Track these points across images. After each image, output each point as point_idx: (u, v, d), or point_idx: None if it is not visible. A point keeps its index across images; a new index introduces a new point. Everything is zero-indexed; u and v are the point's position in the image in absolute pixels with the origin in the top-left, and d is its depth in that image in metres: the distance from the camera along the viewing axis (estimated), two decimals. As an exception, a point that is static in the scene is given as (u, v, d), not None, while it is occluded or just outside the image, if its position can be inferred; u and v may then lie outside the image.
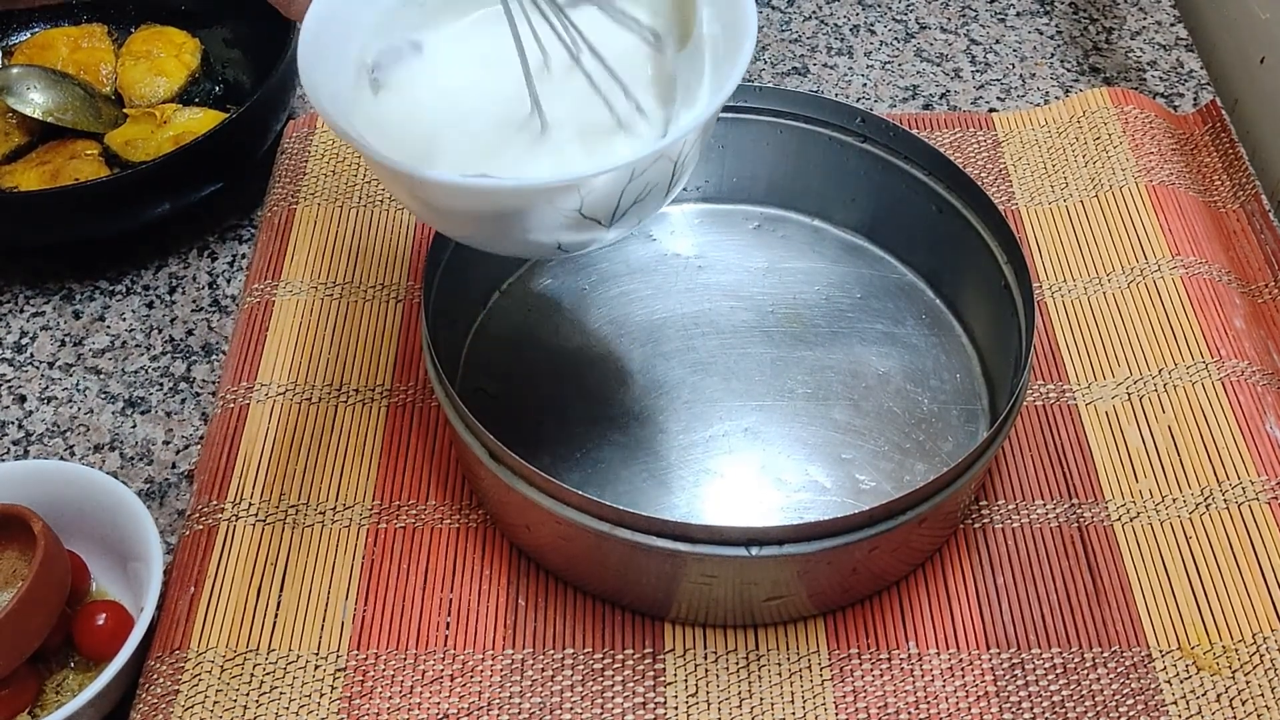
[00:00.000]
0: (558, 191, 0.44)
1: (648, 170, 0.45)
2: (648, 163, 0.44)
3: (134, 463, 0.63)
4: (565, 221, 0.46)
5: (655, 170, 0.46)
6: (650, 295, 0.67)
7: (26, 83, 0.75)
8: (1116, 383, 0.64)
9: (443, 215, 0.49)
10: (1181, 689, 0.53)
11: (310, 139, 0.75)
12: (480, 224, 0.48)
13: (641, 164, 0.44)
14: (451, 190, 0.45)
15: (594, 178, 0.44)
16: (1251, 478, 0.59)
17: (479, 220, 0.48)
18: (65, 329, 0.69)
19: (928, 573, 0.57)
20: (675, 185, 0.48)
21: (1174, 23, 0.88)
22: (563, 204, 0.45)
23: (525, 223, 0.46)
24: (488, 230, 0.48)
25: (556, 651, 0.55)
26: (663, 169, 0.46)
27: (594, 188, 0.44)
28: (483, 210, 0.47)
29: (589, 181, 0.44)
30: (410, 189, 0.47)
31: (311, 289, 0.68)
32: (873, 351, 0.65)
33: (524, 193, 0.45)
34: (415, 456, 0.61)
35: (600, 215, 0.46)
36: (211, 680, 0.53)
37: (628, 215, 0.47)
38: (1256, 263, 0.70)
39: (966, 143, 0.76)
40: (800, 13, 0.88)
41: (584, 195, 0.44)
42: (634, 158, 0.44)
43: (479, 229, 0.49)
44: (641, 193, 0.46)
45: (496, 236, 0.49)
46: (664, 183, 0.47)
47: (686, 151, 0.47)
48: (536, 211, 0.45)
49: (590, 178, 0.44)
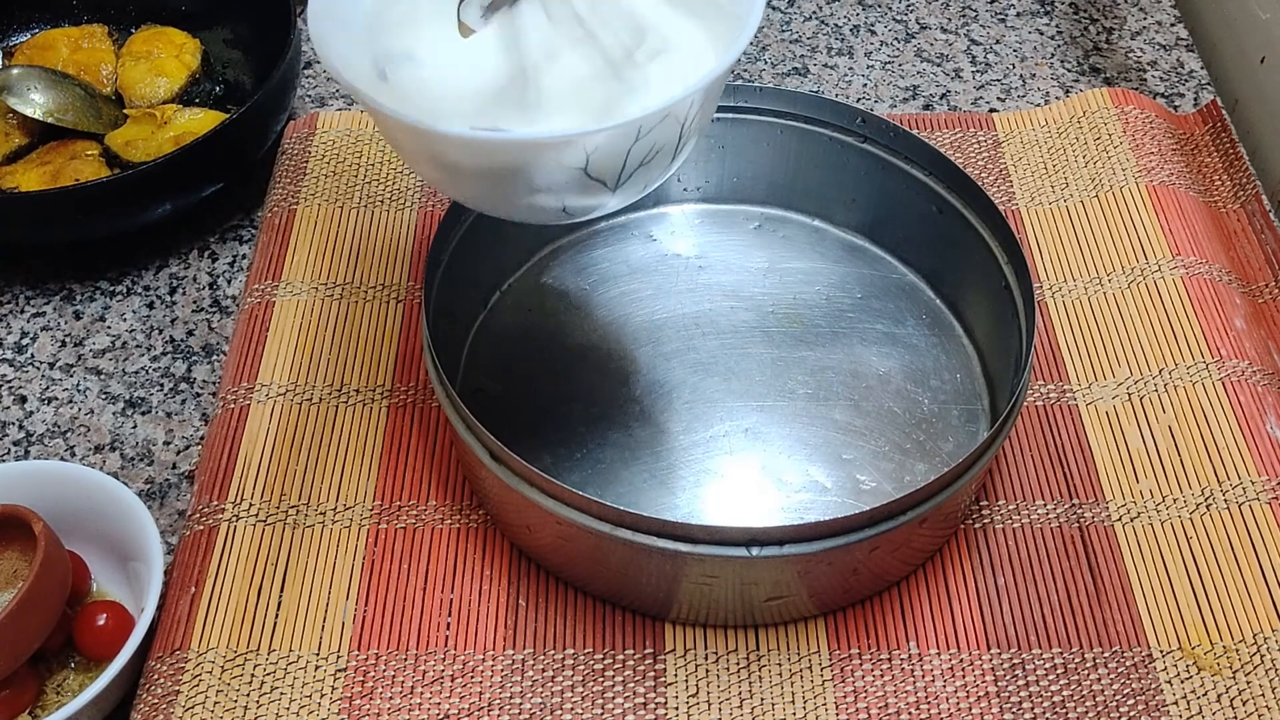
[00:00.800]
0: (564, 146, 0.45)
1: (654, 130, 0.45)
2: (654, 120, 0.45)
3: (134, 463, 0.63)
4: (570, 181, 0.46)
5: (661, 130, 0.46)
6: (651, 295, 0.67)
7: (27, 83, 0.75)
8: (1117, 383, 0.64)
9: (450, 173, 0.49)
10: (1182, 689, 0.53)
11: (311, 140, 0.75)
12: (487, 182, 0.49)
13: (648, 121, 0.45)
14: (460, 144, 0.46)
15: (600, 132, 0.44)
16: (1252, 478, 0.59)
17: (486, 178, 0.48)
18: (66, 329, 0.69)
19: (928, 573, 0.57)
20: (681, 151, 0.49)
21: (1174, 23, 0.88)
22: (569, 160, 0.45)
23: (531, 180, 0.47)
24: (494, 189, 0.49)
25: (557, 652, 0.55)
26: (669, 130, 0.46)
27: (600, 144, 0.45)
28: (490, 166, 0.47)
29: (594, 137, 0.44)
30: (420, 144, 0.47)
31: (312, 289, 0.68)
32: (873, 352, 0.65)
33: (531, 145, 0.45)
34: (416, 457, 0.61)
35: (606, 176, 0.47)
36: (212, 681, 0.53)
37: (633, 178, 0.48)
38: (1257, 263, 0.70)
39: (967, 143, 0.76)
40: (800, 13, 0.88)
41: (590, 152, 0.45)
42: (641, 114, 0.44)
43: (485, 188, 0.49)
44: (647, 155, 0.47)
45: (502, 196, 0.49)
46: (670, 146, 0.48)
47: (693, 114, 0.47)
48: (542, 167, 0.46)
49: (596, 132, 0.44)
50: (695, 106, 0.47)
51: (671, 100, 0.44)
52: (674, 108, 0.45)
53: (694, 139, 0.49)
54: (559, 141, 0.45)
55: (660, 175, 0.49)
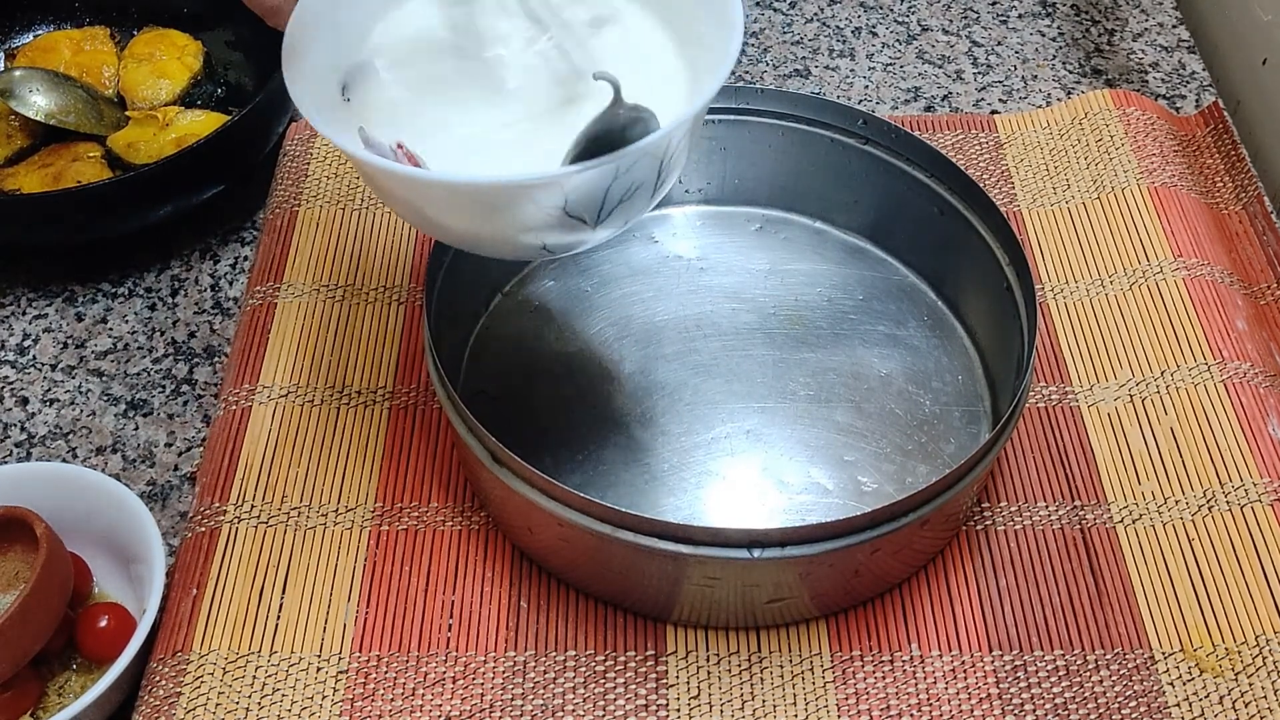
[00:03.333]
0: (541, 188, 0.44)
1: (633, 168, 0.45)
2: (632, 159, 0.44)
3: (136, 465, 0.63)
4: (550, 220, 0.45)
5: (641, 168, 0.45)
6: (652, 297, 0.67)
7: (29, 85, 0.76)
8: (1119, 384, 0.64)
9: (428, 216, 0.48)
10: (1184, 691, 0.53)
11: (312, 142, 0.75)
12: (465, 222, 0.48)
13: (626, 161, 0.44)
14: (434, 187, 0.45)
15: (577, 173, 0.43)
16: (1254, 479, 0.59)
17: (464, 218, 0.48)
18: (67, 331, 0.69)
19: (930, 574, 0.57)
20: (662, 186, 0.48)
21: (1176, 24, 0.88)
22: (546, 201, 0.44)
23: (509, 220, 0.46)
24: (471, 228, 0.48)
25: (559, 654, 0.55)
26: (648, 167, 0.46)
27: (578, 185, 0.44)
28: (467, 207, 0.46)
29: (572, 179, 0.44)
30: (394, 188, 0.47)
31: (314, 291, 0.68)
32: (875, 353, 0.65)
33: (506, 188, 0.44)
34: (417, 459, 0.61)
35: (585, 214, 0.46)
36: (214, 682, 0.53)
37: (614, 215, 0.47)
38: (1259, 264, 0.70)
39: (968, 144, 0.76)
40: (802, 15, 0.88)
41: (568, 193, 0.44)
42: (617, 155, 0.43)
43: (465, 228, 0.48)
44: (627, 191, 0.46)
45: (481, 235, 0.48)
46: (650, 182, 0.47)
47: (673, 150, 0.46)
48: (520, 208, 0.45)
49: (573, 173, 0.43)
50: (675, 144, 0.46)
51: (648, 142, 0.43)
52: (651, 147, 0.44)
53: (676, 173, 0.48)
54: (536, 184, 0.44)
55: (643, 209, 0.48)
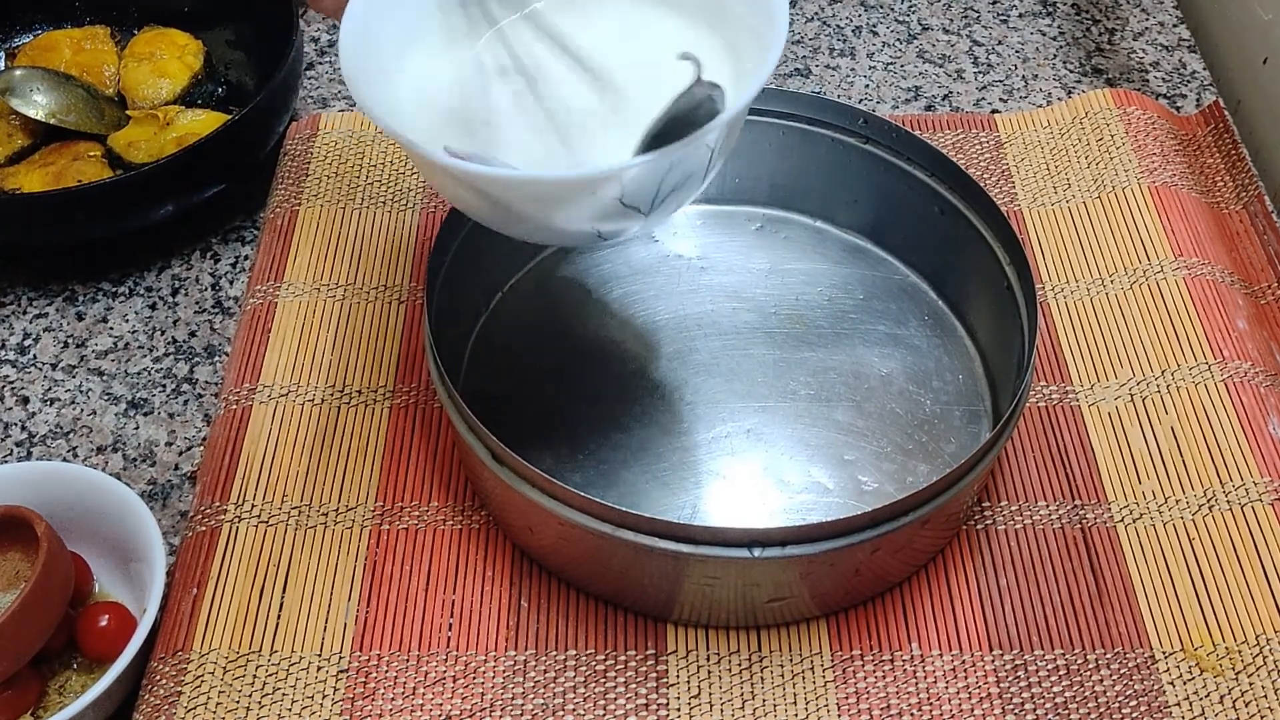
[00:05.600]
0: (600, 182, 0.46)
1: (686, 159, 0.47)
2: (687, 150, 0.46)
3: (137, 464, 0.63)
4: (606, 210, 0.47)
5: (693, 158, 0.47)
6: (652, 297, 0.67)
7: (30, 84, 0.76)
8: (1119, 384, 0.64)
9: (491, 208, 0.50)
10: (1185, 690, 0.53)
11: (313, 141, 0.75)
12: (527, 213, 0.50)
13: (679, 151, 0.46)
14: (502, 184, 0.47)
15: (637, 166, 0.45)
16: (1255, 479, 0.59)
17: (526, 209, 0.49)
18: (68, 330, 0.69)
19: (930, 574, 0.57)
20: (710, 171, 0.50)
21: (1176, 24, 0.88)
22: (605, 193, 0.46)
23: (569, 211, 0.48)
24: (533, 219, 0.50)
25: (559, 653, 0.55)
26: (699, 156, 0.48)
27: (635, 175, 0.46)
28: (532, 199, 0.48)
29: (631, 171, 0.46)
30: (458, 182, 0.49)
31: (314, 290, 0.68)
32: (875, 353, 0.65)
33: (570, 183, 0.47)
34: (418, 458, 0.61)
35: (640, 203, 0.48)
36: (214, 681, 0.53)
37: (666, 202, 0.49)
38: (1259, 263, 0.70)
39: (969, 144, 0.76)
40: (802, 14, 0.88)
41: (625, 185, 0.46)
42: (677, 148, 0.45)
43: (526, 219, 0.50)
44: (680, 181, 0.48)
45: (541, 225, 0.50)
46: (700, 170, 0.49)
47: (721, 139, 0.48)
48: (579, 201, 0.47)
49: (633, 166, 0.45)
50: (723, 134, 0.48)
51: (703, 132, 0.45)
52: (705, 137, 0.46)
53: (721, 161, 0.50)
54: (599, 178, 0.46)
55: (692, 194, 0.51)
